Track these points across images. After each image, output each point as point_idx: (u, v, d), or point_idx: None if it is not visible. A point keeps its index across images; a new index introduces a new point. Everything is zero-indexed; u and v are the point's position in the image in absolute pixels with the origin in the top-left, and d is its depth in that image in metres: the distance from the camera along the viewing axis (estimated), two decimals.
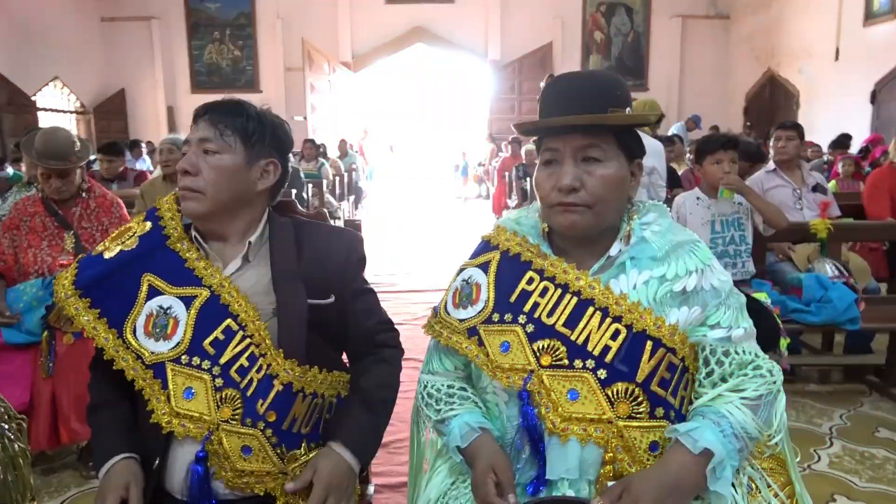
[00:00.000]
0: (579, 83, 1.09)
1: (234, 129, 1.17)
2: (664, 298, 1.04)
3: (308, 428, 1.16)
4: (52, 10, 11.58)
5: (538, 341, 1.06)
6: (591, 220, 1.06)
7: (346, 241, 1.28)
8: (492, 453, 1.06)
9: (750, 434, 1.00)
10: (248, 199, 1.21)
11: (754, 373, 1.04)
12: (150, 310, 1.15)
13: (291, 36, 13.36)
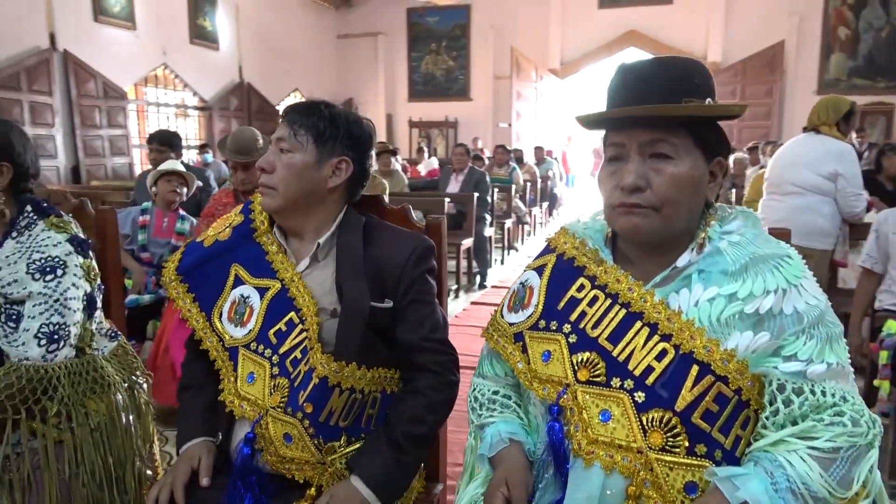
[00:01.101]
0: (648, 69, 0.95)
1: (306, 129, 1.21)
2: (731, 320, 0.88)
3: (347, 422, 1.16)
4: (296, 31, 13.22)
5: (578, 353, 0.97)
6: (656, 225, 0.93)
7: (410, 248, 1.24)
8: (511, 467, 0.99)
9: (814, 493, 0.81)
10: (321, 196, 1.25)
11: (833, 419, 0.84)
12: (234, 297, 1.25)
13: (502, 45, 13.71)
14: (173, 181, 3.04)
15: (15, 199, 1.41)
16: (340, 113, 1.26)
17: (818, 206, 2.89)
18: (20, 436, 1.27)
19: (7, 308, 1.30)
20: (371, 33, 14.78)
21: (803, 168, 2.95)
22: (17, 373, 1.24)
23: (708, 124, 0.94)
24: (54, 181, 7.90)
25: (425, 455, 1.24)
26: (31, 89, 7.71)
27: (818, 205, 2.89)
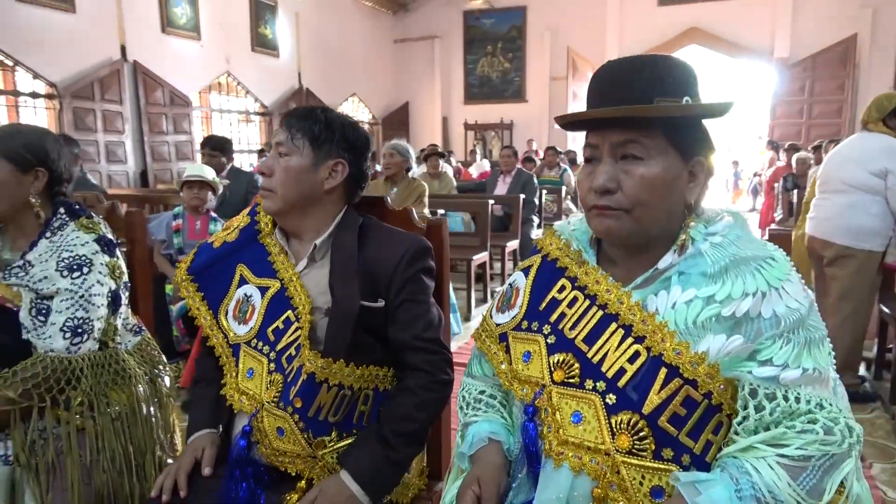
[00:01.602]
0: (620, 70, 0.93)
1: (303, 133, 1.26)
2: (707, 323, 0.87)
3: (337, 417, 1.19)
4: (354, 36, 13.48)
5: (556, 354, 0.97)
6: (629, 226, 0.92)
7: (403, 247, 1.27)
8: (485, 466, 1.00)
9: (780, 501, 0.78)
10: (318, 198, 1.28)
11: (806, 427, 0.81)
12: (238, 296, 1.31)
13: (558, 46, 13.59)
14: (194, 187, 3.17)
15: (50, 202, 1.52)
16: (336, 117, 1.30)
17: (866, 204, 2.75)
18: (46, 423, 1.36)
19: (38, 303, 1.40)
20: (427, 37, 14.91)
21: (853, 165, 2.82)
22: (43, 363, 1.34)
23: (686, 125, 0.92)
24: (124, 185, 8.34)
25: (416, 452, 1.26)
26: (104, 98, 8.16)
27: (866, 203, 2.75)
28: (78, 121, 7.86)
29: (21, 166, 1.44)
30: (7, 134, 1.45)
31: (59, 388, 1.35)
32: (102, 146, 8.21)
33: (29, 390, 1.32)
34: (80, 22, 7.79)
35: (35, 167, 1.46)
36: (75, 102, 7.80)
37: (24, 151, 1.44)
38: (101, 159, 8.18)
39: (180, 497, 1.18)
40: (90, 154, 7.97)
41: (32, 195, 1.46)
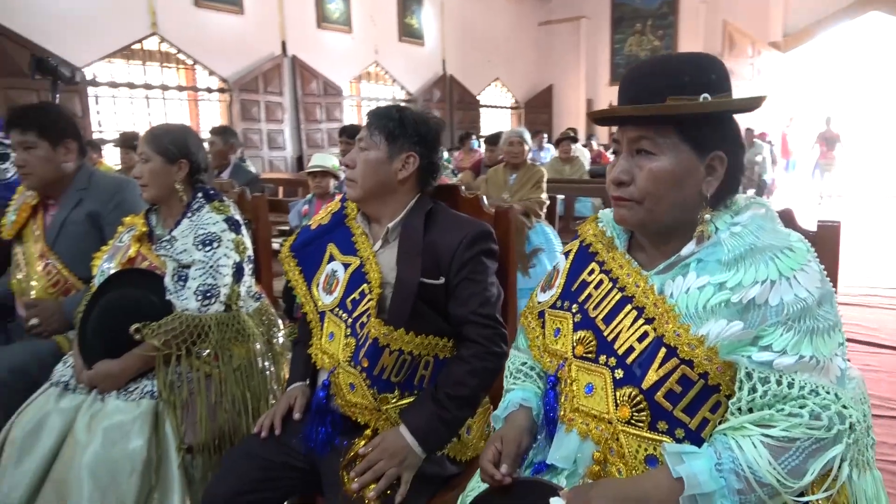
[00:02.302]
0: (639, 69, 0.99)
1: (379, 130, 1.43)
2: (716, 308, 0.91)
3: (399, 378, 1.35)
4: (498, 21, 13.60)
5: (579, 331, 1.06)
6: (641, 216, 0.99)
7: (464, 232, 1.39)
8: (510, 427, 1.11)
9: (759, 478, 0.83)
10: (392, 187, 1.44)
11: (793, 411, 0.84)
12: (328, 271, 1.50)
13: (714, 20, 12.74)
14: (317, 177, 3.48)
15: (192, 188, 1.83)
16: (409, 115, 1.45)
17: None
18: (181, 368, 1.67)
19: (178, 270, 1.71)
20: (573, 18, 14.64)
21: None
22: (180, 319, 1.65)
23: (701, 121, 0.96)
24: (282, 169, 9.18)
25: (467, 415, 1.39)
26: (266, 91, 9.02)
27: None
28: (244, 112, 8.76)
29: (169, 158, 1.76)
30: (158, 133, 1.78)
31: (192, 340, 1.66)
32: (265, 134, 9.09)
33: (169, 340, 1.64)
34: (248, 22, 8.65)
35: (179, 159, 1.77)
36: (242, 95, 8.70)
37: (170, 146, 1.76)
38: (263, 146, 9.06)
39: (275, 434, 1.42)
40: (254, 141, 8.86)
41: (177, 182, 1.78)
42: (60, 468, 1.57)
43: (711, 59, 0.99)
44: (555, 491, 0.94)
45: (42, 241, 2.07)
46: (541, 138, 9.22)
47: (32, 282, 2.07)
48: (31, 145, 2.00)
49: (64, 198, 2.10)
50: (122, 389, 1.65)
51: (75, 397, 1.67)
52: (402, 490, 1.28)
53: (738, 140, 1.00)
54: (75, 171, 2.11)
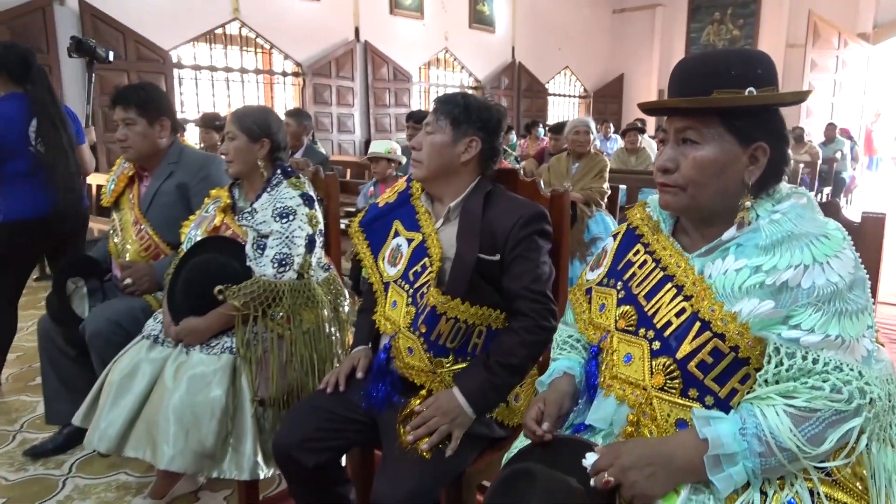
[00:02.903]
0: (688, 63, 1.06)
1: (445, 115, 1.54)
2: (751, 289, 0.97)
3: (454, 344, 1.46)
4: (570, 8, 13.44)
5: (622, 306, 1.14)
6: (684, 202, 1.06)
7: (520, 213, 1.49)
8: (553, 390, 1.21)
9: (781, 444, 0.90)
10: (455, 169, 1.55)
11: (816, 384, 0.91)
12: (393, 245, 1.62)
13: (799, 9, 12.22)
14: (375, 161, 3.61)
15: (271, 165, 1.99)
16: (474, 101, 1.55)
17: None
18: (257, 328, 1.84)
19: (258, 240, 1.87)
20: (649, 6, 14.30)
21: None
22: (258, 284, 1.81)
23: (742, 113, 1.01)
24: (351, 153, 9.43)
25: (515, 382, 1.49)
26: (338, 75, 9.28)
27: None
28: (317, 95, 9.05)
29: (252, 137, 1.92)
30: (243, 114, 1.95)
31: (268, 303, 1.82)
32: (335, 118, 9.37)
33: (248, 302, 1.80)
34: (323, 9, 8.91)
35: (261, 138, 1.93)
36: (315, 79, 8.99)
37: (254, 126, 1.92)
38: (333, 129, 9.34)
39: (339, 391, 1.56)
40: (325, 125, 9.15)
41: (259, 159, 1.94)
42: (150, 410, 1.77)
43: (759, 55, 1.05)
44: (590, 447, 1.03)
45: (136, 209, 2.29)
46: (607, 128, 9.14)
47: (127, 245, 2.29)
48: (131, 122, 2.22)
49: (157, 170, 2.31)
50: (204, 344, 1.84)
51: (164, 349, 1.87)
52: (453, 445, 1.39)
53: (782, 132, 1.05)
54: (168, 146, 2.32)
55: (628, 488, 0.96)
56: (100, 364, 2.09)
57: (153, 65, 7.35)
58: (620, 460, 0.97)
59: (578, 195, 3.85)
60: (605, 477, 0.96)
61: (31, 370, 3.24)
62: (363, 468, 1.75)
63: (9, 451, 2.44)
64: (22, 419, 2.71)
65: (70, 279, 2.30)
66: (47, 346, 2.37)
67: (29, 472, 2.29)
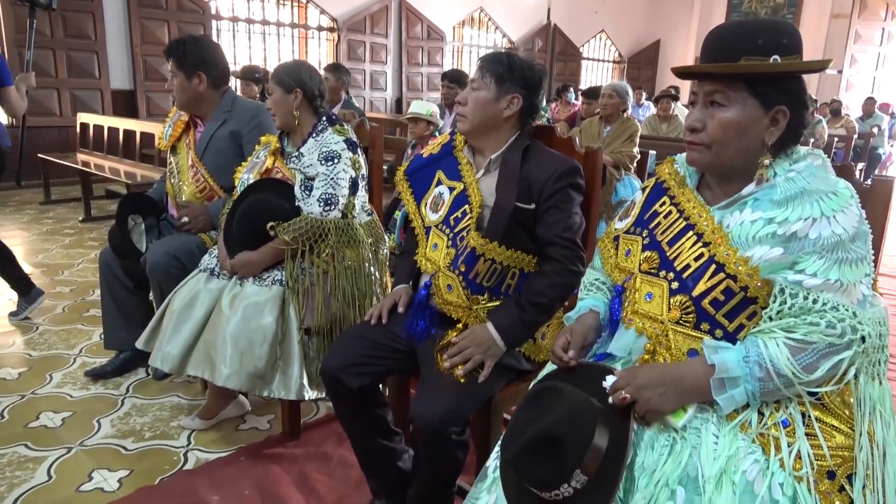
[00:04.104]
0: (721, 31, 1.14)
1: (490, 73, 1.64)
2: (763, 238, 1.07)
3: (490, 283, 1.60)
4: None
5: (646, 252, 1.24)
6: (708, 159, 1.15)
7: (555, 167, 1.60)
8: (579, 324, 1.34)
9: (778, 370, 1.01)
10: (497, 124, 1.65)
11: (813, 320, 1.02)
12: (435, 193, 1.74)
13: None
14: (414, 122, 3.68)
15: (314, 114, 2.12)
16: (517, 60, 1.66)
17: None
18: (305, 263, 2.00)
19: (305, 182, 2.02)
20: None
21: None
22: (305, 221, 1.97)
23: (766, 79, 1.10)
24: (382, 110, 9.52)
25: (544, 319, 1.62)
26: (373, 32, 9.30)
27: None
28: (351, 51, 9.10)
29: (286, 89, 2.06)
30: (277, 69, 2.11)
31: (314, 239, 1.98)
32: (368, 75, 9.43)
33: (297, 238, 1.96)
34: None
35: (294, 88, 2.06)
36: (350, 35, 9.03)
37: (285, 78, 2.06)
38: (365, 87, 9.41)
39: (382, 323, 1.72)
40: (357, 81, 9.21)
41: (295, 108, 2.08)
42: (209, 334, 1.95)
43: (785, 25, 1.13)
44: (610, 371, 1.17)
45: (192, 153, 2.45)
46: (639, 94, 9.07)
47: (184, 187, 2.46)
48: (173, 74, 2.39)
49: (211, 118, 2.46)
50: (257, 276, 2.01)
51: (219, 281, 2.04)
52: (485, 373, 1.54)
53: (802, 97, 1.13)
54: (221, 94, 2.46)
55: (642, 404, 1.09)
56: (158, 293, 2.28)
57: (193, 15, 7.46)
58: (637, 380, 1.10)
59: (608, 158, 3.93)
60: (622, 394, 1.10)
61: (85, 302, 3.48)
62: (400, 393, 1.91)
63: (71, 372, 2.67)
64: (80, 345, 2.94)
65: (130, 216, 2.48)
66: (107, 278, 2.57)
67: (91, 391, 2.51)
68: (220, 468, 2.03)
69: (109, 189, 6.31)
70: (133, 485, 1.93)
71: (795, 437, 1.03)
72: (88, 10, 6.69)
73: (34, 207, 5.97)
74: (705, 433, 1.06)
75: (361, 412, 1.72)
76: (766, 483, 1.00)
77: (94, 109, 6.79)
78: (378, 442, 1.75)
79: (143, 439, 2.19)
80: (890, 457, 1.06)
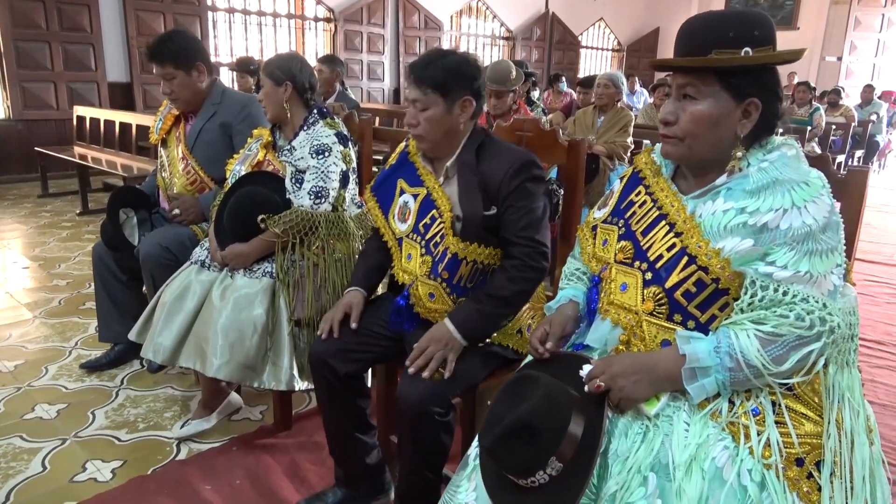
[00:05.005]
0: (692, 24, 1.14)
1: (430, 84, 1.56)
2: (735, 228, 1.08)
3: (472, 283, 1.61)
4: None
5: (622, 241, 1.25)
6: (682, 151, 1.16)
7: (508, 164, 1.56)
8: (558, 314, 1.35)
9: (748, 361, 1.03)
10: (455, 132, 1.62)
11: (783, 312, 1.03)
12: (400, 203, 1.71)
13: None
14: None
15: (305, 107, 2.13)
16: (452, 59, 1.58)
17: None
18: (295, 255, 2.01)
19: (295, 174, 2.03)
20: None
21: None
22: (296, 213, 1.98)
23: (737, 71, 1.09)
24: (380, 100, 9.50)
25: (504, 313, 1.60)
26: (370, 22, 9.27)
27: None
28: (348, 42, 9.08)
29: (276, 81, 2.07)
30: (269, 62, 2.11)
31: (304, 232, 1.99)
32: (365, 65, 9.40)
33: (287, 230, 1.97)
34: None
35: (284, 81, 2.07)
36: (347, 26, 9.00)
37: (276, 70, 2.07)
38: (363, 77, 9.39)
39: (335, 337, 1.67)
40: (354, 72, 9.19)
41: (285, 101, 2.09)
42: (201, 326, 1.97)
43: (757, 16, 1.11)
44: (586, 360, 1.19)
45: (183, 146, 2.46)
46: (633, 82, 9.03)
47: (175, 179, 2.47)
48: (170, 76, 2.36)
49: (201, 110, 2.47)
50: (247, 268, 2.02)
51: (210, 273, 2.06)
52: (449, 368, 1.52)
53: (775, 89, 1.14)
54: (210, 86, 2.47)
55: (616, 392, 1.11)
56: (150, 283, 2.30)
57: (188, 7, 7.43)
58: (611, 369, 1.12)
59: (602, 148, 3.93)
60: (597, 382, 1.12)
61: (80, 296, 3.50)
62: (388, 382, 1.93)
63: (67, 365, 2.69)
64: (75, 338, 2.96)
65: (122, 209, 2.50)
66: (101, 271, 2.58)
67: (86, 383, 2.54)
68: (212, 458, 2.06)
69: (107, 182, 6.33)
70: (126, 475, 1.96)
71: (765, 426, 1.05)
72: (84, 2, 6.68)
73: (32, 201, 5.99)
74: (677, 421, 1.08)
75: (344, 399, 1.72)
76: (735, 470, 1.02)
77: (91, 102, 6.79)
78: (352, 434, 1.76)
79: (136, 430, 2.21)
80: (858, 444, 1.08)
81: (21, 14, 6.34)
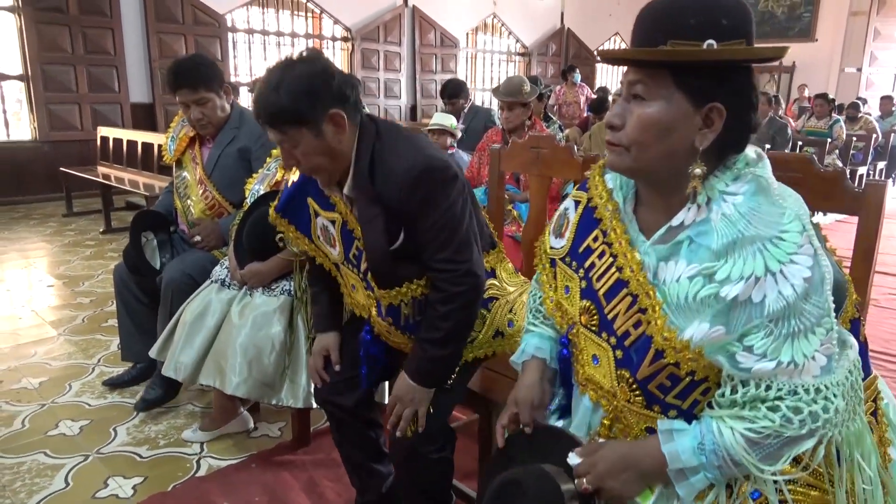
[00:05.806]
0: (651, 9, 0.92)
1: (289, 123, 1.33)
2: (706, 300, 0.90)
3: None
4: None
5: (584, 300, 1.09)
6: (627, 163, 0.96)
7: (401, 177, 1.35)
8: (520, 386, 1.20)
9: (735, 460, 0.91)
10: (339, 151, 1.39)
11: (767, 413, 0.89)
12: (320, 226, 1.55)
13: None
14: (436, 134, 3.69)
15: None
16: (298, 86, 1.30)
17: None
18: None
19: None
20: None
21: None
22: None
23: (696, 69, 0.89)
24: (397, 118, 9.58)
25: (454, 349, 1.48)
26: (386, 41, 9.39)
27: None
28: (365, 60, 9.19)
29: None
30: None
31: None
32: (382, 83, 9.51)
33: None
34: None
35: None
36: (364, 44, 9.12)
37: None
38: (380, 94, 9.49)
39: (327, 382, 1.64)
40: (372, 90, 9.30)
41: None
42: (220, 344, 2.00)
43: (728, 3, 0.89)
44: (574, 443, 1.07)
45: (201, 170, 2.48)
46: None
47: (192, 202, 2.50)
48: (204, 101, 2.35)
49: (220, 135, 2.47)
50: (266, 287, 2.05)
51: (230, 292, 2.09)
52: (421, 422, 1.47)
53: (747, 94, 0.92)
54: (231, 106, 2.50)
55: (607, 493, 1.01)
56: (167, 305, 2.32)
57: (209, 28, 7.59)
58: (597, 469, 1.01)
59: None
60: (584, 484, 1.01)
61: (104, 313, 3.56)
62: None
63: (89, 381, 2.74)
64: (98, 355, 3.01)
65: (142, 233, 2.54)
66: (123, 293, 2.61)
67: (108, 400, 2.58)
68: (231, 475, 2.08)
69: (129, 201, 6.45)
70: (147, 491, 1.98)
71: None
72: (108, 25, 6.85)
73: (57, 220, 6.12)
74: None
75: (356, 431, 1.70)
76: None
77: (115, 123, 6.95)
78: (367, 465, 1.74)
79: (157, 447, 2.24)
80: None
81: (48, 38, 6.52)
